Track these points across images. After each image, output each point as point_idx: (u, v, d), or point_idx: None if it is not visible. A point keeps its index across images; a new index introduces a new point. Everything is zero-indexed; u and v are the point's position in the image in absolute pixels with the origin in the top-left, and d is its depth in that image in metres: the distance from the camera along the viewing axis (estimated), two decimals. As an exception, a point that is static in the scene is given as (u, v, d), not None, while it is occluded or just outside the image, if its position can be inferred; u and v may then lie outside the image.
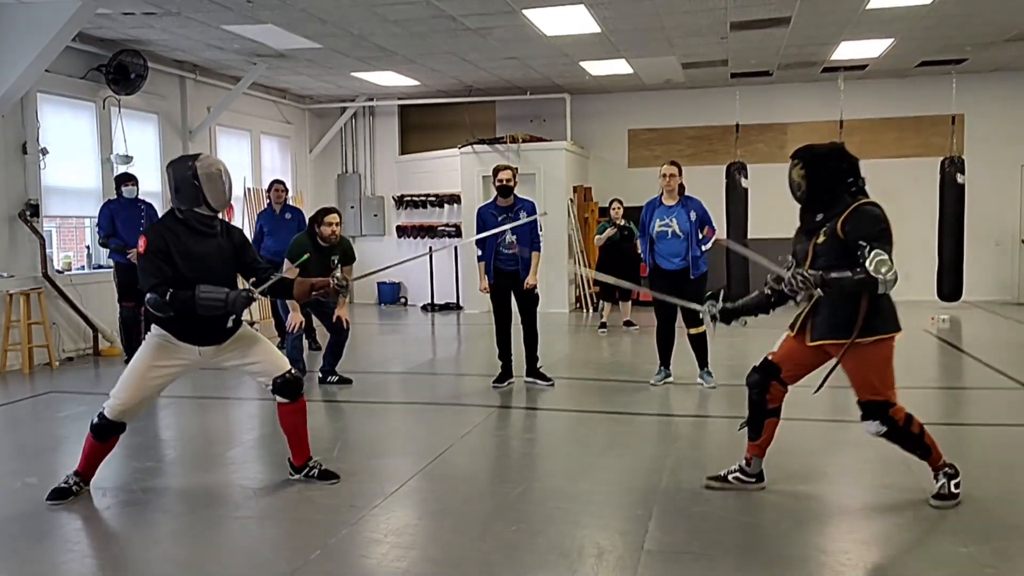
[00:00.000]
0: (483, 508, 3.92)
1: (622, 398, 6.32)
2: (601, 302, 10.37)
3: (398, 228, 13.45)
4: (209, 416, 6.14)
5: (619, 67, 10.91)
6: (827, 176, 3.72)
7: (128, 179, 8.30)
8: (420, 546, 3.50)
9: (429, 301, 12.75)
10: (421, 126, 13.81)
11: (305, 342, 7.51)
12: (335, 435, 5.50)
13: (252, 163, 12.07)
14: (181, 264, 3.85)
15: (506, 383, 6.66)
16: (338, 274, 4.37)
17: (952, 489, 3.77)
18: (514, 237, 6.52)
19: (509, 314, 6.66)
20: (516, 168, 6.80)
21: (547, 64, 10.72)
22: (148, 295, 3.80)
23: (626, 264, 9.79)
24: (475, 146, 12.21)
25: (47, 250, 8.39)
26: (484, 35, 9.01)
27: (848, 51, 10.32)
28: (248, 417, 6.19)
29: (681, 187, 6.47)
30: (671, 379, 6.62)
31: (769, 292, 3.84)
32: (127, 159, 9.13)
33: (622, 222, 9.83)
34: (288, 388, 4.14)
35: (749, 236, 11.40)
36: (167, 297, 3.76)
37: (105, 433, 4.02)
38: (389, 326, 11.45)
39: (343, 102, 13.38)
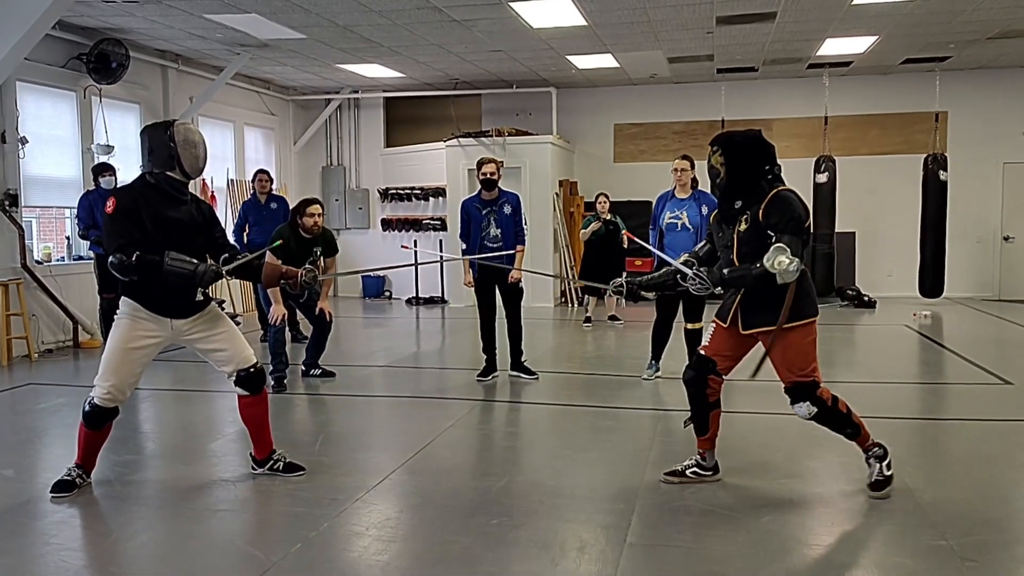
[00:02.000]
0: (465, 501, 3.90)
1: (606, 392, 6.32)
2: (586, 296, 10.36)
3: (383, 221, 13.39)
4: (190, 409, 6.09)
5: (605, 61, 10.90)
6: (746, 163, 3.78)
7: (105, 169, 8.20)
8: (402, 539, 3.48)
9: (414, 295, 12.71)
10: (406, 119, 13.75)
11: (289, 334, 7.46)
12: (318, 428, 5.47)
13: (236, 154, 11.98)
14: (151, 228, 3.77)
15: (490, 377, 6.65)
16: (307, 266, 4.29)
17: (885, 472, 3.85)
18: (498, 231, 6.50)
19: (493, 308, 6.64)
20: (501, 161, 6.78)
21: (533, 57, 10.69)
22: (112, 256, 3.69)
23: (611, 258, 9.80)
24: (461, 139, 12.16)
25: (26, 241, 8.29)
26: (470, 27, 8.97)
27: (833, 47, 10.35)
28: (229, 410, 6.12)
29: (694, 181, 6.49)
30: (659, 373, 6.63)
31: (674, 271, 3.95)
32: (108, 149, 9.04)
33: (608, 216, 9.83)
34: (251, 381, 4.09)
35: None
36: (133, 259, 3.66)
37: (98, 420, 3.97)
38: (373, 319, 11.41)
39: (328, 94, 13.29)
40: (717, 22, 8.92)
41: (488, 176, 6.51)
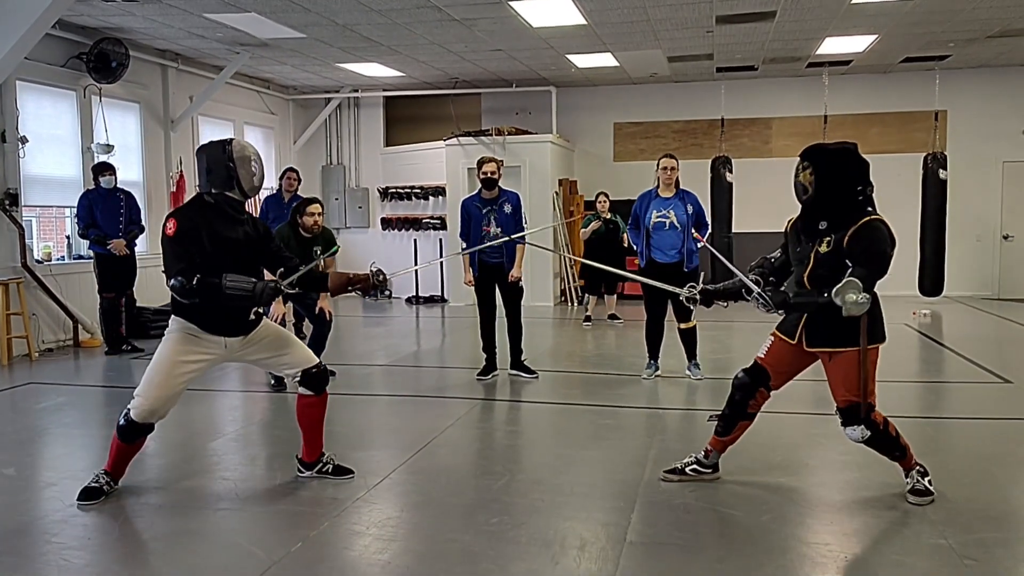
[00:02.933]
0: (466, 500, 3.91)
1: (606, 391, 6.33)
2: (586, 295, 10.37)
3: (383, 220, 13.40)
4: (191, 408, 6.08)
5: (605, 60, 10.90)
6: (837, 182, 3.58)
7: (105, 168, 8.21)
8: (402, 538, 3.49)
9: (414, 294, 12.71)
10: (406, 118, 13.75)
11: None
12: (318, 427, 5.47)
13: (235, 154, 11.95)
14: (209, 249, 3.70)
15: (490, 375, 6.66)
16: (376, 267, 4.24)
17: (927, 485, 3.78)
18: (499, 229, 6.50)
19: (493, 307, 6.65)
20: (501, 160, 6.78)
21: (533, 56, 10.70)
22: (174, 279, 3.63)
23: (612, 257, 9.81)
24: (460, 138, 12.16)
25: (27, 240, 8.29)
26: (470, 26, 8.97)
27: (832, 46, 10.36)
28: (230, 409, 6.15)
29: (677, 180, 6.50)
30: (659, 372, 6.64)
31: (748, 282, 3.84)
32: (108, 148, 9.04)
33: (608, 215, 9.83)
34: (315, 381, 4.08)
35: (734, 230, 11.44)
36: (194, 282, 3.60)
37: (132, 435, 3.88)
38: (373, 318, 11.41)
39: (327, 93, 13.29)
40: (717, 21, 8.93)
41: (488, 175, 6.52)
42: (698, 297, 4.03)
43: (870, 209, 3.63)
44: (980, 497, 3.85)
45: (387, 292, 5.14)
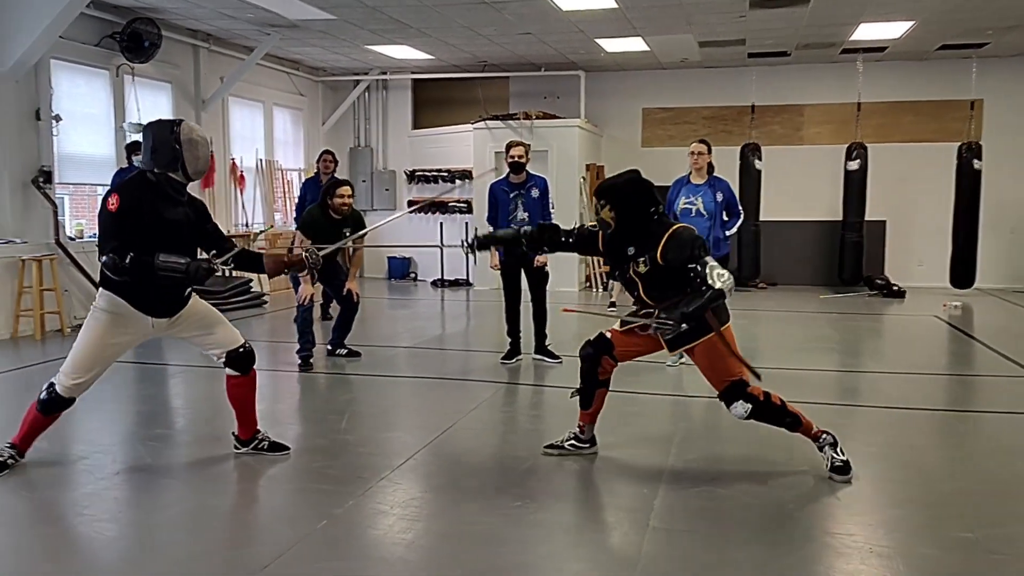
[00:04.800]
0: (489, 483, 3.93)
1: (630, 377, 6.28)
2: (610, 281, 10.33)
3: (409, 203, 13.42)
4: (217, 386, 6.13)
5: (635, 44, 10.80)
6: (633, 210, 3.87)
7: (138, 147, 8.24)
8: (426, 518, 3.52)
9: (439, 277, 12.75)
10: (434, 101, 13.74)
11: (317, 313, 7.52)
12: (343, 407, 5.53)
13: (264, 135, 12.05)
14: (148, 228, 3.69)
15: (514, 360, 6.68)
16: (309, 246, 4.27)
17: (841, 456, 3.90)
18: (526, 215, 6.50)
19: (519, 291, 6.66)
20: (528, 144, 6.76)
21: (562, 40, 10.63)
22: (107, 256, 3.63)
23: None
24: (488, 122, 12.14)
25: (60, 217, 8.42)
26: (500, 9, 8.93)
27: (867, 32, 10.19)
28: (257, 388, 6.22)
29: (710, 166, 6.45)
30: (684, 359, 6.60)
31: (523, 234, 4.29)
32: (140, 127, 9.12)
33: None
34: (241, 361, 4.08)
35: (761, 218, 11.34)
36: (127, 260, 3.60)
37: (52, 408, 3.91)
38: (399, 301, 11.47)
39: (356, 75, 13.31)
40: (750, 5, 8.81)
41: (516, 159, 6.51)
42: (472, 243, 4.33)
43: (666, 222, 3.94)
44: (1008, 492, 3.81)
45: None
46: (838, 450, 3.92)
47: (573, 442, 4.27)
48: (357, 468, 4.09)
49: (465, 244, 4.36)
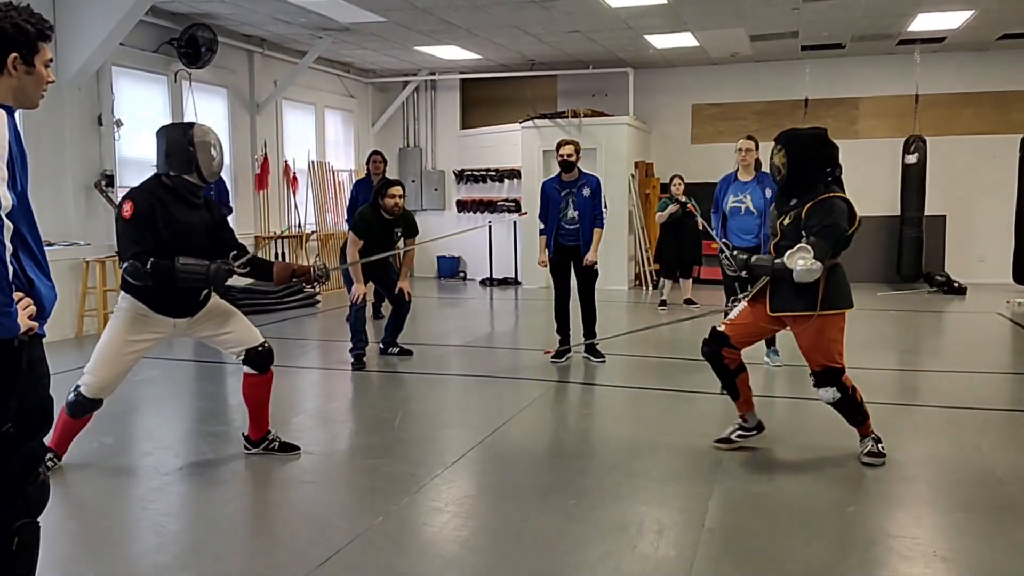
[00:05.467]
0: (542, 481, 3.94)
1: (682, 376, 6.26)
2: (661, 279, 10.25)
3: (458, 203, 13.49)
4: (274, 384, 6.28)
5: (684, 40, 10.69)
6: (807, 164, 3.91)
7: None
8: (480, 516, 3.54)
9: (488, 275, 12.80)
10: (482, 100, 13.79)
11: (369, 312, 7.60)
12: (396, 405, 5.59)
13: (316, 136, 12.23)
14: (164, 232, 3.73)
15: (564, 358, 6.67)
16: (318, 261, 4.30)
17: (880, 449, 4.05)
18: (576, 213, 6.49)
19: (568, 289, 6.65)
20: (578, 142, 6.73)
21: (610, 37, 10.57)
22: (128, 262, 3.68)
23: (688, 241, 9.69)
24: (536, 121, 12.14)
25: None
26: (548, 7, 8.92)
27: (925, 23, 9.92)
28: (311, 385, 6.33)
29: (758, 163, 6.35)
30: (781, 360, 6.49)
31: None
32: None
33: (683, 198, 9.69)
34: (259, 360, 4.09)
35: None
36: (148, 266, 3.64)
37: (81, 410, 3.93)
38: (448, 300, 11.54)
39: (405, 76, 13.43)
40: (803, -2, 8.66)
41: (565, 158, 6.50)
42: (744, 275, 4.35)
43: (836, 188, 3.94)
44: (1080, 495, 3.68)
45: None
46: (880, 446, 4.07)
47: (740, 432, 4.32)
48: (411, 465, 4.14)
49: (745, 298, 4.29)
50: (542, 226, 6.66)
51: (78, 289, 8.04)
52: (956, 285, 10.85)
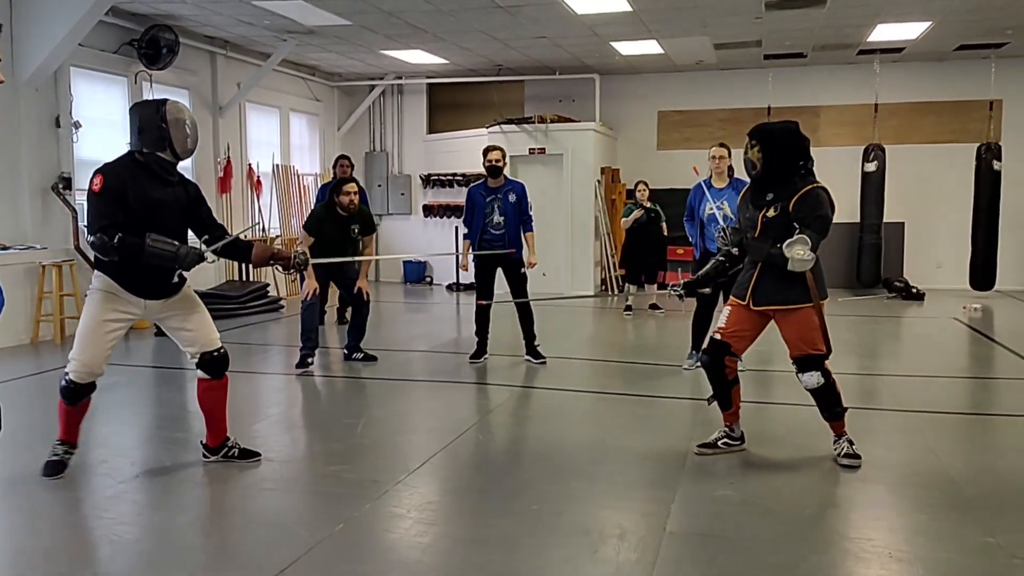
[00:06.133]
0: (505, 486, 3.93)
1: (646, 381, 6.30)
2: (627, 285, 10.32)
3: (424, 207, 13.45)
4: (234, 389, 6.19)
5: (650, 47, 10.79)
6: (781, 157, 3.99)
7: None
8: (442, 522, 3.53)
9: (454, 281, 12.76)
10: (449, 105, 13.77)
11: (334, 318, 7.52)
12: (359, 411, 5.55)
13: (281, 140, 12.12)
14: (135, 208, 3.69)
15: (481, 359, 6.81)
16: (299, 249, 4.31)
17: (855, 451, 4.11)
18: (502, 218, 6.58)
19: (491, 293, 6.80)
20: (504, 149, 6.91)
21: (577, 44, 10.63)
22: (95, 236, 3.64)
23: (653, 246, 9.77)
24: (503, 126, 12.15)
25: (79, 223, 8.49)
26: (514, 13, 8.94)
27: (885, 33, 10.12)
28: (273, 391, 6.26)
29: (730, 169, 6.42)
30: (699, 363, 6.57)
31: (723, 259, 4.34)
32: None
33: (648, 204, 9.76)
34: (213, 365, 4.04)
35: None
36: (115, 240, 3.61)
37: (75, 396, 3.92)
38: (414, 305, 11.50)
39: (372, 80, 13.37)
40: (766, 7, 8.78)
41: (493, 163, 6.66)
42: (682, 292, 4.50)
43: (811, 180, 4.03)
44: (1031, 496, 3.76)
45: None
46: (854, 447, 4.13)
47: (726, 440, 4.36)
48: (373, 472, 4.10)
49: (676, 292, 4.53)
50: (466, 231, 6.75)
51: (34, 294, 7.88)
52: (914, 291, 11.05)
